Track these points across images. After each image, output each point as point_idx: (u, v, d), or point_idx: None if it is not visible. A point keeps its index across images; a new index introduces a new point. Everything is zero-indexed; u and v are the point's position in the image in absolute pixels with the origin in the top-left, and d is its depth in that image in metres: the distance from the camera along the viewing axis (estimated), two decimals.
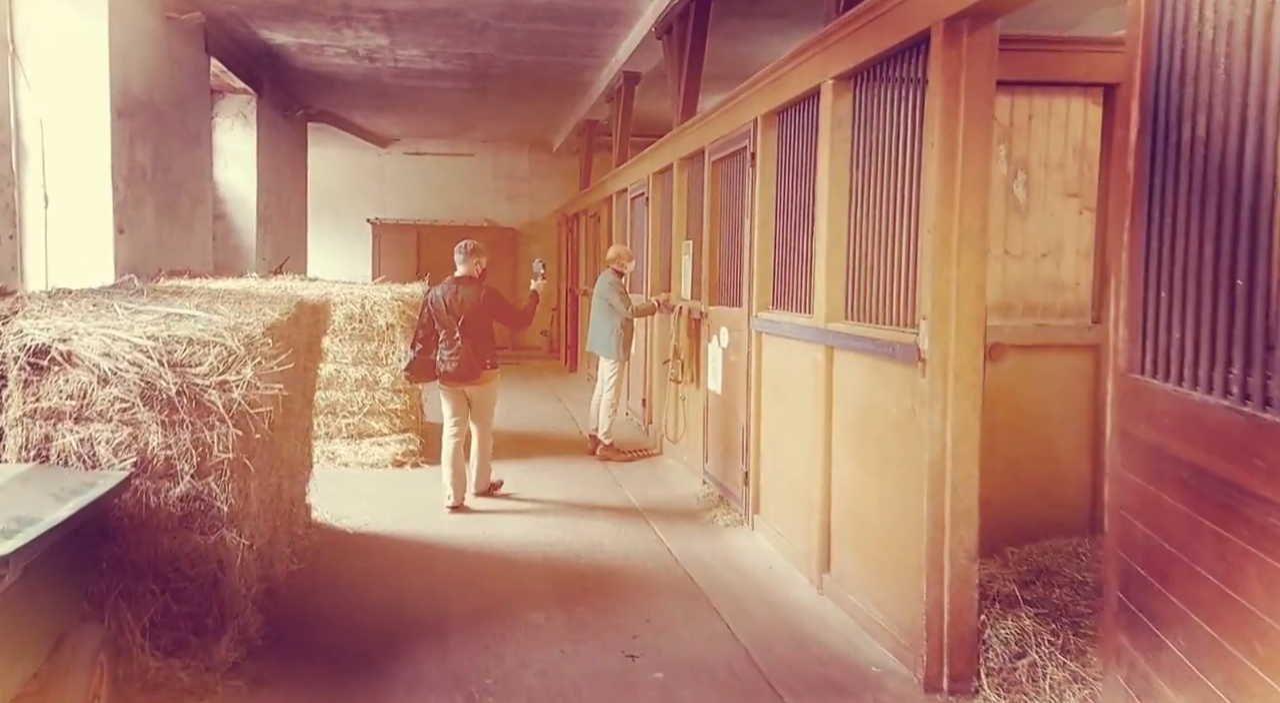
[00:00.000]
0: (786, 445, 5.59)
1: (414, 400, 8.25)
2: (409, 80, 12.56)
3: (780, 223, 5.87)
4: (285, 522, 5.13)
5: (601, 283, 8.56)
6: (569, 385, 13.71)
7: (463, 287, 6.67)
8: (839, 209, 4.85)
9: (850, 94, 4.80)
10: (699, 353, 7.62)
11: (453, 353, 6.52)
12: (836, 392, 4.84)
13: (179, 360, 3.59)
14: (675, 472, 8.04)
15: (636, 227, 10.14)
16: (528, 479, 7.60)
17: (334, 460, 7.77)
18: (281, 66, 11.71)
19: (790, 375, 5.52)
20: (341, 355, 7.86)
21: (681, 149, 8.06)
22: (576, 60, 11.29)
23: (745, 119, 6.23)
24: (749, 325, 6.18)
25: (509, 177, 18.87)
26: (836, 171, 4.85)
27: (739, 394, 6.43)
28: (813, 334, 5.03)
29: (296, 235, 14.04)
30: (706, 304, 7.25)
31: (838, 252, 4.86)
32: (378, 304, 7.90)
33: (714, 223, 7.17)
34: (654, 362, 9.15)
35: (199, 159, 9.32)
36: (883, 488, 4.30)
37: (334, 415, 7.86)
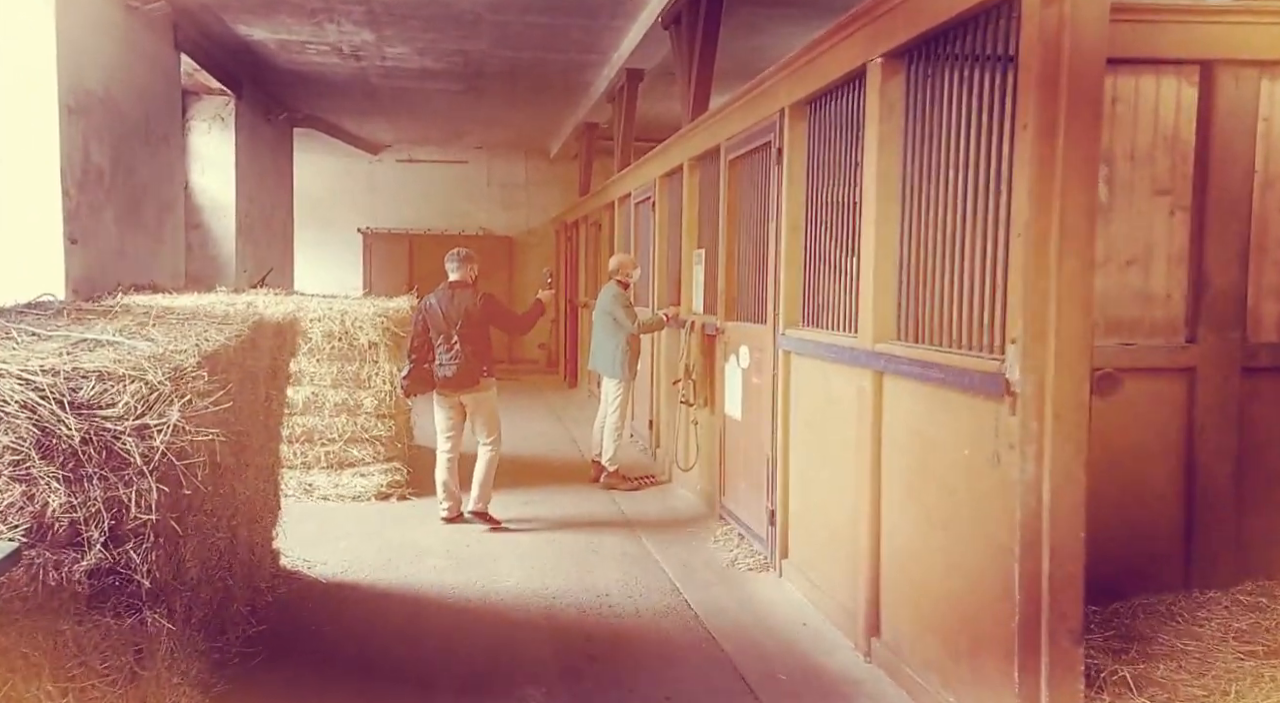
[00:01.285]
0: (822, 483, 4.86)
1: (401, 425, 7.52)
2: (398, 81, 11.86)
3: (812, 228, 5.15)
4: (243, 577, 4.39)
5: (604, 296, 7.84)
6: (568, 403, 12.98)
7: (458, 292, 6.40)
8: (889, 210, 4.13)
9: (903, 75, 4.08)
10: (713, 373, 6.89)
11: (450, 358, 6.23)
12: (887, 425, 4.11)
13: (84, 401, 2.85)
14: (686, 503, 7.31)
15: (642, 234, 9.42)
16: (527, 513, 6.87)
17: (311, 494, 7.03)
18: (261, 65, 11.00)
19: (827, 403, 4.79)
20: (319, 377, 7.13)
21: (693, 148, 7.35)
22: (576, 57, 10.58)
23: (770, 110, 5.51)
24: (775, 344, 5.46)
25: (504, 184, 18.16)
26: (886, 167, 4.14)
27: (763, 421, 5.70)
28: (857, 357, 4.30)
29: (281, 246, 13.32)
30: (723, 319, 6.53)
31: (888, 261, 4.14)
32: (359, 321, 7.18)
33: (731, 229, 6.45)
34: (662, 380, 8.43)
35: (168, 162, 8.60)
36: (952, 544, 3.56)
37: (311, 443, 7.12)
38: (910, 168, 4.05)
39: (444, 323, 6.33)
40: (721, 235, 6.54)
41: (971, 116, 3.57)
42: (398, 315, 7.40)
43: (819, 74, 4.84)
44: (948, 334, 3.70)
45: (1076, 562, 3.00)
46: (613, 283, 7.84)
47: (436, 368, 6.32)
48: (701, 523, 6.70)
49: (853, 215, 4.58)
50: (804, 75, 5.04)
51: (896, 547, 4.02)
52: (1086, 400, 3.02)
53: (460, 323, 6.30)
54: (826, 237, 4.96)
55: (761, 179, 5.85)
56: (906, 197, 4.07)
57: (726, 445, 6.53)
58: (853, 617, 4.36)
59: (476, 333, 6.35)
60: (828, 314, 4.92)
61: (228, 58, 10.31)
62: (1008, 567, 3.14)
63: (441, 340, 6.32)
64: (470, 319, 6.32)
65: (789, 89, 5.25)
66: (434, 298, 6.43)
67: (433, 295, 6.46)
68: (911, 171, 4.04)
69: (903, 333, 4.08)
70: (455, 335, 6.28)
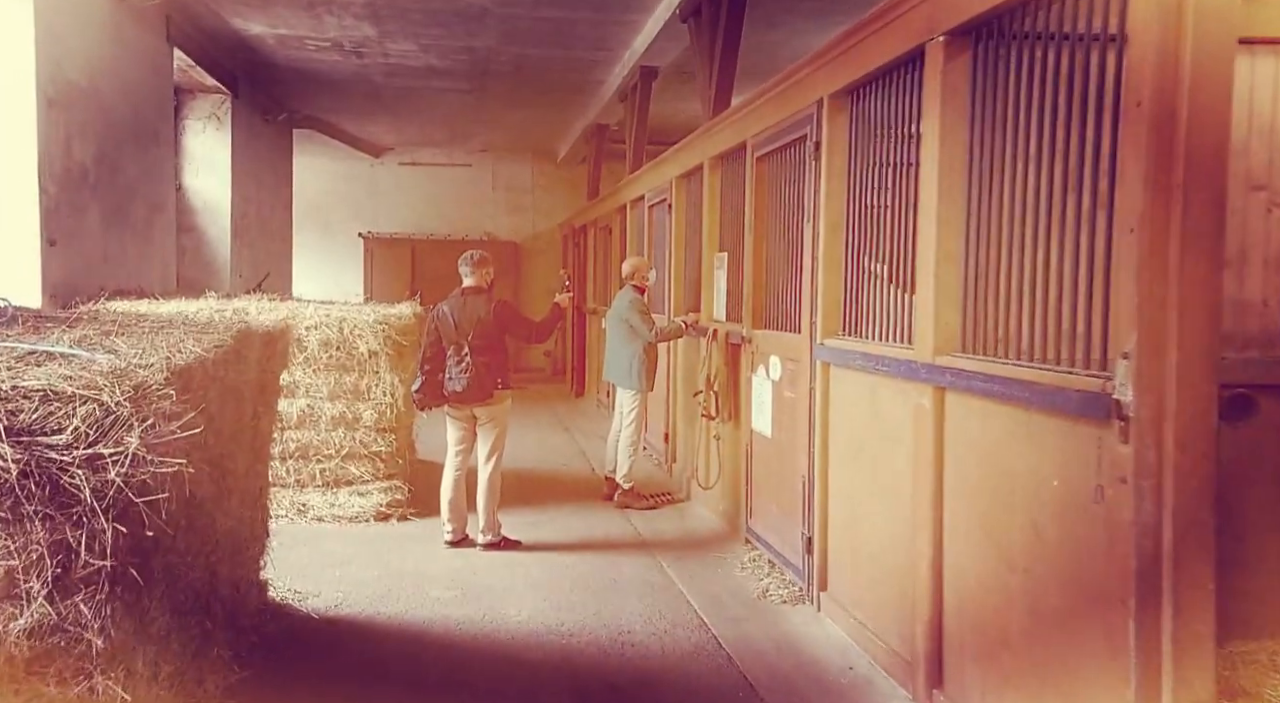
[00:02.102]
0: (869, 510, 4.39)
1: (403, 440, 7.05)
2: (401, 79, 11.41)
3: (855, 227, 4.68)
4: (224, 618, 3.91)
5: (620, 302, 7.37)
6: (577, 413, 12.51)
7: (471, 299, 5.97)
8: (953, 206, 3.67)
9: (968, 56, 3.62)
10: (738, 385, 6.43)
11: (462, 370, 5.79)
12: (952, 449, 3.64)
13: (25, 425, 2.38)
14: (707, 524, 6.83)
15: (657, 238, 8.95)
16: (537, 535, 6.39)
17: (305, 514, 6.55)
18: (258, 62, 10.55)
19: (875, 420, 4.32)
20: (315, 389, 6.66)
21: (715, 146, 6.89)
22: (586, 54, 10.14)
23: (805, 102, 5.06)
24: (811, 355, 4.99)
25: (510, 188, 17.71)
26: (949, 158, 3.67)
27: (797, 439, 5.23)
28: (914, 371, 3.83)
29: (279, 250, 12.86)
30: (749, 327, 6.06)
31: (950, 263, 3.68)
32: (359, 328, 6.71)
33: (759, 230, 5.99)
34: (679, 391, 7.96)
35: (159, 161, 8.14)
36: (1038, 591, 3.09)
37: (306, 460, 6.65)
38: (977, 159, 3.58)
39: (455, 332, 5.89)
40: (748, 238, 6.07)
41: (1058, 99, 3.11)
42: (399, 323, 6.94)
43: (863, 60, 4.38)
44: (1027, 347, 3.24)
45: (1206, 620, 2.53)
46: (628, 288, 7.37)
47: (446, 381, 5.88)
48: (725, 546, 6.23)
49: (905, 213, 4.11)
50: (846, 62, 4.58)
51: (965, 590, 3.54)
52: (1214, 426, 2.55)
53: (473, 332, 5.86)
54: (872, 237, 4.50)
55: (795, 176, 5.39)
56: (972, 191, 3.61)
57: (754, 464, 6.06)
58: (910, 666, 3.88)
59: (490, 343, 5.91)
60: (874, 323, 4.45)
61: (223, 53, 9.87)
62: (1115, 622, 2.66)
63: (453, 351, 5.88)
64: (484, 328, 5.88)
65: (828, 78, 4.79)
66: (446, 306, 6.01)
67: (445, 303, 6.04)
68: (978, 163, 3.57)
69: (968, 345, 3.61)
70: (467, 346, 5.83)
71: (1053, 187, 3.13)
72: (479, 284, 6.05)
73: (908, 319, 4.07)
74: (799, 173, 5.31)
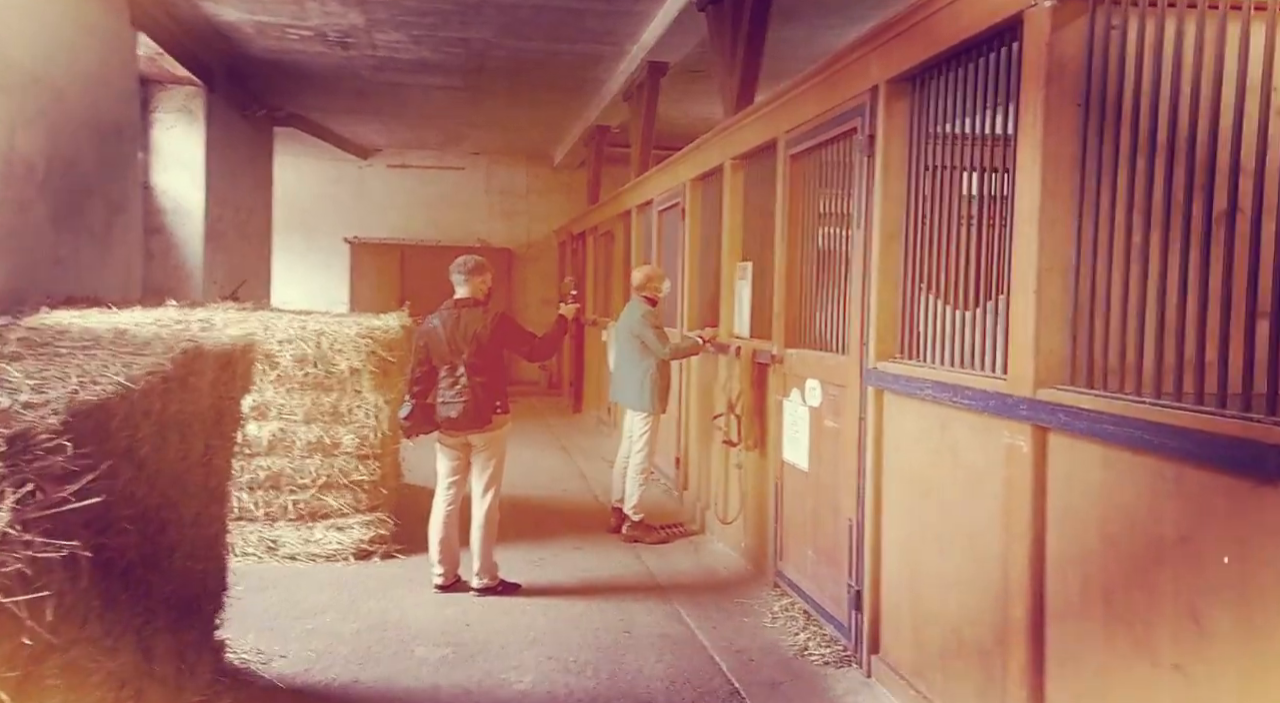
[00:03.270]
0: (938, 568, 3.71)
1: (388, 467, 6.33)
2: (391, 74, 10.72)
3: (917, 233, 4.02)
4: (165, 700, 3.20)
5: (630, 315, 6.69)
6: (574, 430, 11.80)
7: (466, 312, 5.25)
8: (1061, 205, 3.00)
9: (1084, 19, 2.96)
10: (764, 409, 5.75)
11: (456, 394, 5.08)
12: (1058, 503, 2.97)
13: None
14: (725, 562, 6.14)
15: (668, 245, 8.27)
16: (539, 575, 5.70)
17: (275, 552, 5.83)
18: (236, 53, 9.85)
19: (946, 460, 3.64)
20: (289, 410, 5.95)
21: (737, 145, 6.22)
22: (590, 48, 9.47)
23: (856, 89, 4.39)
24: (862, 380, 4.32)
25: (504, 192, 17.01)
26: (1056, 147, 3.01)
27: (841, 475, 4.55)
28: (1007, 406, 3.15)
29: (258, 255, 12.13)
30: (780, 345, 5.38)
31: (1057, 275, 3.01)
32: (339, 342, 6.00)
33: (793, 237, 5.32)
34: (693, 411, 7.28)
35: (120, 156, 7.42)
36: (1196, 696, 2.41)
37: (277, 491, 5.93)
38: (1093, 149, 2.92)
39: (447, 350, 5.19)
40: (779, 246, 5.40)
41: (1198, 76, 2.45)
42: (385, 336, 6.23)
43: (932, 38, 3.72)
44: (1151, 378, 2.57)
45: None
46: (639, 299, 6.69)
47: (439, 406, 5.17)
48: (749, 590, 5.54)
49: (993, 212, 3.45)
50: (909, 41, 3.91)
51: (1081, 681, 2.85)
52: None
53: (468, 350, 5.16)
54: (941, 244, 3.83)
55: (840, 176, 4.73)
56: (1085, 186, 2.94)
57: (784, 499, 5.37)
58: None
59: (488, 361, 5.21)
60: (944, 345, 3.78)
61: (196, 42, 9.16)
62: None
63: (445, 371, 5.18)
64: (480, 345, 5.18)
65: (884, 61, 4.13)
66: (437, 319, 5.30)
67: (436, 316, 5.32)
68: (1094, 154, 2.91)
69: (1078, 376, 2.94)
70: (462, 366, 5.14)
71: (1191, 183, 2.48)
72: (474, 295, 5.37)
73: (992, 343, 3.40)
74: (844, 172, 4.64)
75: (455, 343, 5.20)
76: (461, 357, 5.17)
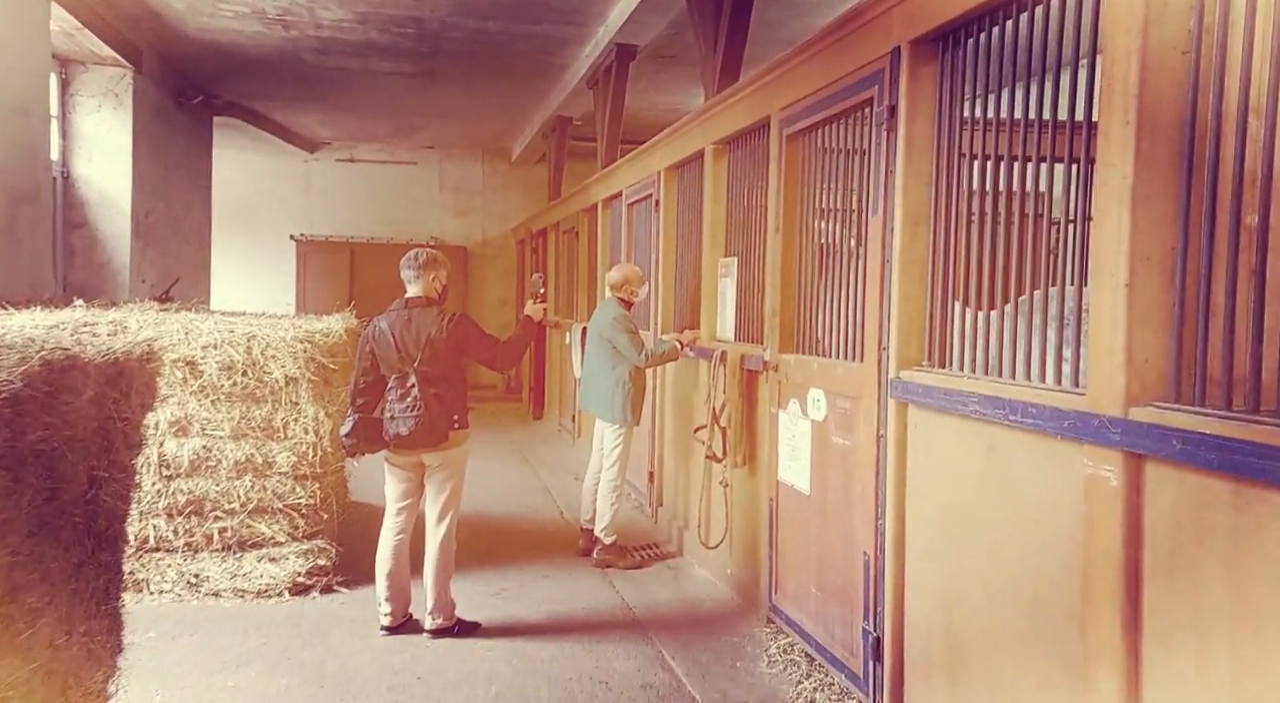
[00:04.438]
0: (986, 619, 3.10)
1: (330, 487, 5.62)
2: (336, 58, 9.95)
3: (949, 219, 3.42)
4: None
5: (602, 316, 6.03)
6: (535, 439, 11.11)
7: (418, 313, 4.56)
8: (1159, 177, 2.41)
9: None
10: (754, 421, 5.14)
11: (406, 407, 4.39)
12: (1157, 547, 2.37)
13: None
14: (709, 590, 5.51)
15: (639, 241, 7.62)
16: (500, 611, 5.03)
17: (197, 590, 5.09)
18: (167, 33, 9.03)
19: (994, 490, 3.04)
20: (214, 425, 5.21)
21: (721, 127, 5.60)
22: (554, 29, 8.79)
23: (872, 53, 3.78)
24: (881, 391, 3.70)
25: (459, 188, 16.24)
26: (1154, 103, 2.42)
27: (854, 501, 3.94)
28: (1089, 428, 2.55)
29: (195, 253, 11.29)
30: (775, 350, 4.76)
31: (1156, 267, 2.41)
32: (272, 348, 5.28)
33: (789, 228, 4.70)
34: (668, 421, 6.64)
35: (29, 142, 6.61)
36: None
37: (200, 517, 5.19)
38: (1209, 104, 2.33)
39: (397, 356, 4.51)
40: (773, 238, 4.78)
41: None
42: (326, 341, 5.52)
43: None
44: None
45: None
46: (613, 300, 6.04)
47: (387, 422, 4.49)
48: (740, 626, 4.92)
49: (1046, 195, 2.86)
50: None
51: None
52: None
53: (420, 356, 4.49)
54: (983, 231, 3.23)
55: (850, 156, 4.12)
56: (1194, 153, 2.35)
57: (780, 524, 4.75)
58: None
59: (444, 369, 4.54)
60: (987, 351, 3.18)
61: (122, 19, 8.35)
62: None
63: (394, 381, 4.50)
64: (435, 350, 4.51)
65: (908, 18, 3.53)
66: (384, 322, 4.61)
67: (383, 318, 4.63)
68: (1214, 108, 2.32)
69: (1181, 391, 2.35)
70: (413, 374, 4.46)
71: None
72: (427, 293, 4.68)
73: (1058, 349, 2.81)
74: (858, 151, 4.04)
75: (406, 348, 4.52)
76: (413, 364, 4.49)
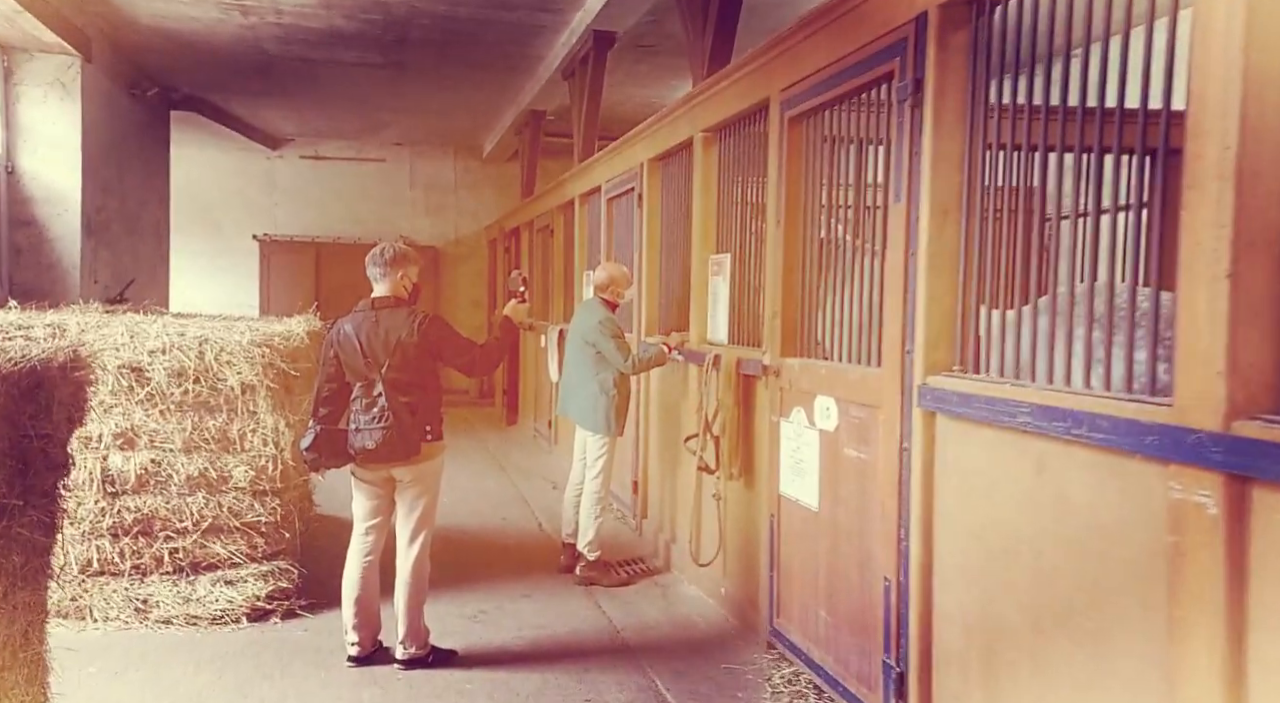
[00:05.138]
0: (1045, 658, 2.74)
1: (293, 502, 5.18)
2: (299, 47, 9.48)
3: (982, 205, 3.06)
4: None
5: (586, 319, 5.64)
6: (511, 445, 10.69)
7: (386, 315, 4.14)
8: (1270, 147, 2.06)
9: None
10: (750, 429, 4.77)
11: (373, 418, 3.97)
12: (1263, 586, 2.02)
13: None
14: (701, 610, 5.13)
15: (620, 237, 7.23)
16: (478, 637, 4.63)
17: (147, 616, 4.64)
18: (118, 20, 8.53)
19: (1049, 515, 2.68)
20: (164, 437, 4.76)
21: (712, 113, 5.22)
22: (528, 16, 8.39)
23: (893, 20, 3.41)
24: (904, 399, 3.34)
25: (429, 186, 15.76)
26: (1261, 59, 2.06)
27: (871, 520, 3.58)
28: (1175, 445, 2.19)
29: (152, 252, 10.76)
30: (775, 353, 4.39)
31: (1261, 251, 2.06)
32: (227, 352, 4.84)
33: (791, 219, 4.33)
34: (651, 427, 6.26)
35: None
36: None
37: (149, 538, 4.74)
38: None
39: (363, 362, 4.09)
40: (773, 231, 4.41)
41: None
42: (287, 345, 5.09)
43: None
44: None
45: None
46: (596, 302, 5.65)
47: (352, 434, 4.07)
48: (738, 652, 4.54)
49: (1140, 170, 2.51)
50: None
51: None
52: None
53: (389, 361, 4.07)
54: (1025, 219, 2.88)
55: (865, 137, 3.76)
56: None
57: (783, 542, 4.38)
58: None
59: (416, 376, 4.13)
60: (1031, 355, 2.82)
61: (67, 3, 7.84)
62: None
63: (360, 389, 4.08)
64: (405, 355, 4.09)
65: None
66: (349, 324, 4.18)
67: (348, 320, 4.20)
68: None
69: None
70: (380, 381, 4.04)
71: None
72: (395, 292, 4.26)
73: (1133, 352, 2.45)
74: (875, 131, 3.68)
75: (373, 353, 4.10)
76: (381, 370, 4.07)
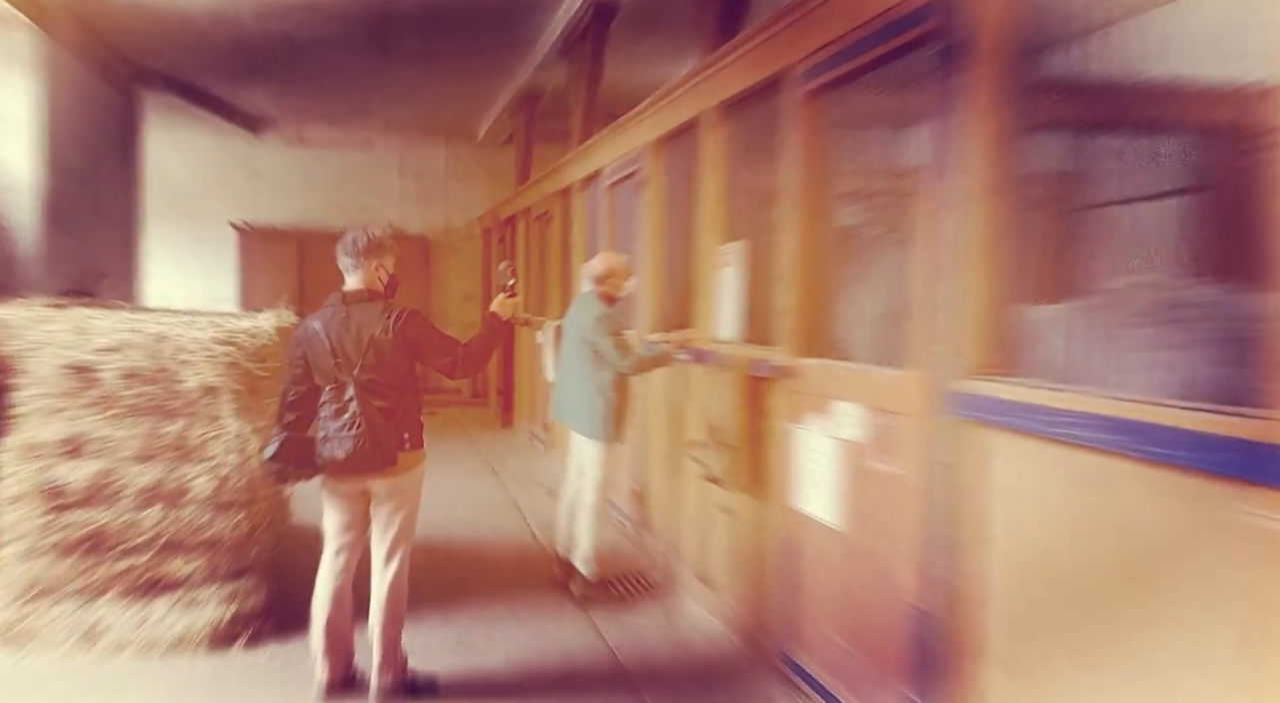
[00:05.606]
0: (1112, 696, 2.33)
1: (259, 515, 4.74)
2: (279, 24, 8.99)
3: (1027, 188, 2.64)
4: None
5: (583, 314, 5.20)
6: (505, 448, 10.24)
7: (358, 310, 3.73)
8: None
9: None
10: (764, 438, 4.35)
11: (343, 425, 3.54)
12: None
13: None
14: (705, 631, 4.73)
15: (622, 226, 6.79)
16: (463, 662, 4.21)
17: (95, 643, 4.20)
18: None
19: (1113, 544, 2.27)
20: (116, 445, 4.32)
21: (722, 88, 4.79)
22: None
23: None
24: (940, 406, 2.93)
25: (419, 174, 15.27)
26: None
27: (900, 541, 3.17)
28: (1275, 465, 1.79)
29: (123, 241, 10.28)
30: (791, 354, 3.97)
31: None
32: (186, 351, 4.40)
33: (810, 205, 3.91)
34: (653, 432, 5.84)
35: None
36: None
37: (99, 555, 4.30)
38: None
39: (333, 362, 3.66)
40: (791, 216, 3.99)
41: None
42: (254, 343, 4.64)
43: None
44: None
45: None
46: (593, 296, 5.22)
47: (320, 443, 3.64)
48: (745, 680, 4.15)
49: None
50: None
51: None
52: None
53: (362, 362, 3.64)
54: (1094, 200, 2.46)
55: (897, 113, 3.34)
56: None
57: (801, 561, 3.97)
58: None
59: (391, 379, 3.69)
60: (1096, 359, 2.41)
61: None
62: None
63: (330, 393, 3.65)
64: (380, 355, 3.66)
65: None
66: (317, 321, 3.75)
67: (316, 317, 3.76)
68: None
69: None
70: (351, 384, 3.61)
71: None
72: (369, 284, 3.82)
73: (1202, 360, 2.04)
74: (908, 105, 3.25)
75: (343, 353, 3.67)
76: (353, 371, 3.64)
